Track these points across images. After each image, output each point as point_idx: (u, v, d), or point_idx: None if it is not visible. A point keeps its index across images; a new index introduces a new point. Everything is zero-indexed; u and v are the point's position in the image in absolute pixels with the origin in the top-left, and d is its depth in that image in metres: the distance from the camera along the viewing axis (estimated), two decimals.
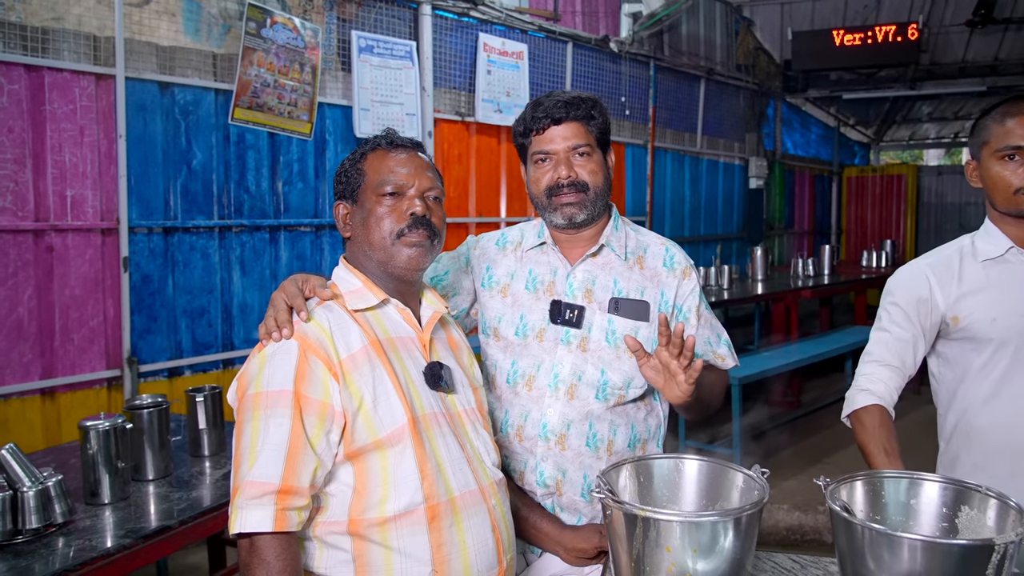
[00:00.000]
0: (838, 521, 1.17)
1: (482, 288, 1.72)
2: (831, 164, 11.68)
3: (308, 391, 1.24)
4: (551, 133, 1.61)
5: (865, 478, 1.28)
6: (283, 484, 1.19)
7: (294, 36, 4.09)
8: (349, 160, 1.44)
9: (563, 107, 1.60)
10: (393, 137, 1.43)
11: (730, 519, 1.14)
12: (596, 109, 1.64)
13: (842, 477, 1.27)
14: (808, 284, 6.90)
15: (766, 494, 1.20)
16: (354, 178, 1.41)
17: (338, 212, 1.45)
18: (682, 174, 7.84)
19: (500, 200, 5.67)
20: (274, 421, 1.22)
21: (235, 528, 1.18)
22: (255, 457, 1.20)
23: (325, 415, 1.24)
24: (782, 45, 9.37)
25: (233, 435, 1.28)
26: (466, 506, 1.33)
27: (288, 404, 1.23)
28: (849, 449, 5.21)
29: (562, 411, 1.60)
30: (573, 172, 1.60)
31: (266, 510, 1.18)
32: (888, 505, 1.28)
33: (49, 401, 3.39)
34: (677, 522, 1.13)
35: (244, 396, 1.27)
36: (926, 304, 1.72)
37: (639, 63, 7.03)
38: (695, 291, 1.69)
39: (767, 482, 1.25)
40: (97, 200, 3.50)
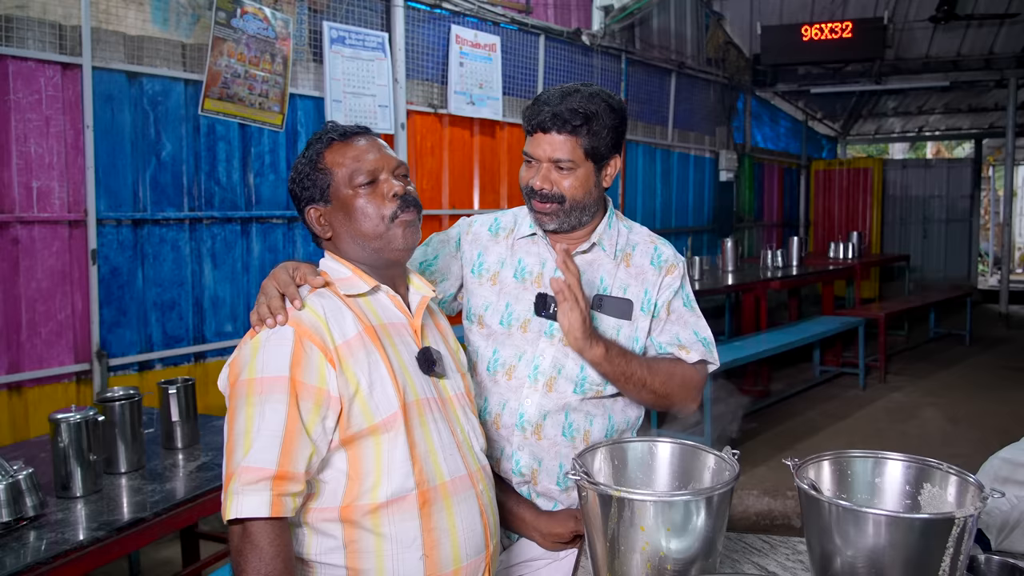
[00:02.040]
0: (806, 499, 1.20)
1: (471, 275, 1.72)
2: (799, 157, 11.85)
3: (304, 377, 1.24)
4: (538, 139, 1.58)
5: (832, 458, 1.32)
6: (279, 470, 1.19)
7: (265, 26, 4.05)
8: (304, 163, 1.41)
9: (552, 119, 1.53)
10: (342, 127, 1.42)
11: (702, 498, 1.17)
12: (594, 121, 1.54)
13: (810, 457, 1.30)
14: (777, 275, 7.01)
15: (736, 474, 1.23)
16: (319, 179, 1.39)
17: (311, 217, 1.42)
18: (653, 167, 7.90)
19: (473, 192, 5.68)
20: (269, 407, 1.21)
21: (230, 514, 1.18)
22: (250, 443, 1.19)
23: (321, 401, 1.24)
24: (751, 39, 9.47)
25: (225, 422, 1.27)
26: (456, 491, 1.35)
27: (284, 390, 1.22)
28: (817, 436, 5.32)
29: (539, 402, 1.60)
30: (548, 184, 1.57)
31: (262, 495, 1.17)
32: (854, 484, 1.32)
33: (16, 396, 3.34)
34: (651, 502, 1.15)
35: (236, 382, 1.26)
36: None
37: (611, 56, 7.06)
38: (673, 286, 1.67)
39: (738, 463, 1.29)
40: (64, 192, 3.44)
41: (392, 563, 1.28)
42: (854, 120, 13.37)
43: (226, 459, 1.23)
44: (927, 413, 5.92)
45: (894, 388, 6.71)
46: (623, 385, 1.60)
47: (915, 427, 5.52)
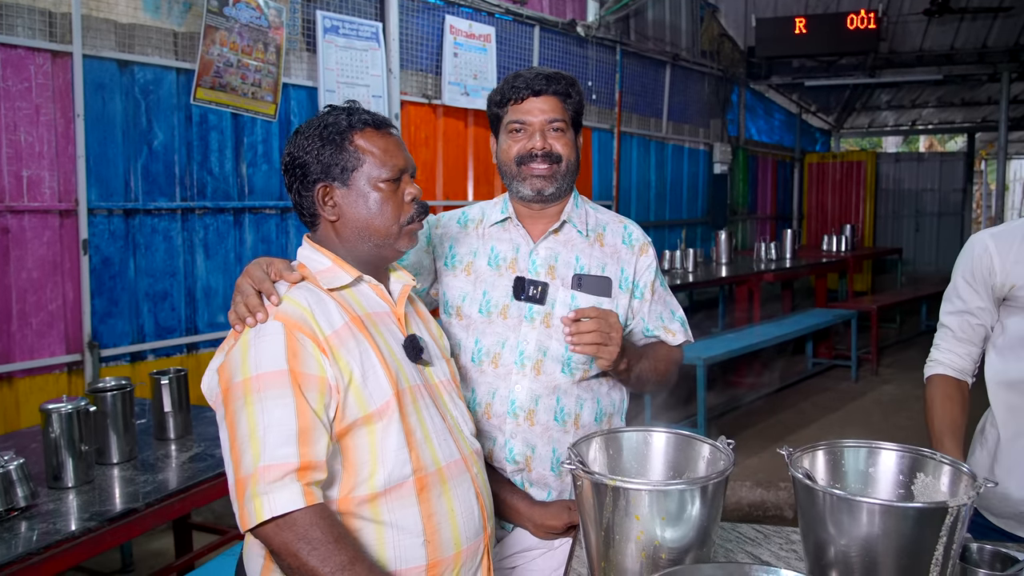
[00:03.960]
0: (800, 488, 1.21)
1: (445, 267, 1.72)
2: (793, 150, 11.86)
3: (303, 368, 1.22)
4: (529, 104, 1.62)
5: (826, 447, 1.32)
6: (302, 461, 1.16)
7: (257, 15, 4.02)
8: (326, 137, 1.35)
9: (544, 80, 1.62)
10: (373, 114, 1.40)
11: (697, 487, 1.16)
12: (574, 88, 1.66)
13: (804, 446, 1.31)
14: (771, 268, 7.03)
15: (731, 463, 1.23)
16: (344, 159, 1.34)
17: (318, 194, 1.36)
18: (648, 159, 7.89)
19: (467, 183, 5.66)
20: (273, 403, 1.18)
21: (264, 515, 1.13)
22: (260, 443, 1.16)
23: (324, 390, 1.22)
24: (746, 32, 9.46)
25: (223, 429, 1.23)
26: (452, 475, 1.34)
27: (285, 383, 1.19)
28: (810, 427, 5.34)
29: (530, 387, 1.61)
30: (548, 143, 1.62)
31: (292, 488, 1.15)
32: (848, 473, 1.32)
33: (6, 386, 3.32)
34: (646, 491, 1.15)
35: (230, 386, 1.22)
36: (985, 269, 1.70)
37: (605, 48, 7.04)
38: (651, 267, 1.72)
39: (732, 452, 1.29)
40: (55, 181, 3.41)
41: (394, 550, 1.27)
42: (848, 113, 13.39)
43: (233, 466, 1.19)
44: (918, 405, 5.92)
45: (886, 380, 6.74)
46: (635, 385, 1.67)
47: (907, 418, 5.55)
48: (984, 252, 1.69)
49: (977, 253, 1.71)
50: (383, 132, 1.38)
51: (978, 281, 1.71)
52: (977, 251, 1.71)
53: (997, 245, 1.68)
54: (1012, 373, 1.68)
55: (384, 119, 1.41)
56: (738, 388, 6.11)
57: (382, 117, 1.41)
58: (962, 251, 1.77)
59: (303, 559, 1.14)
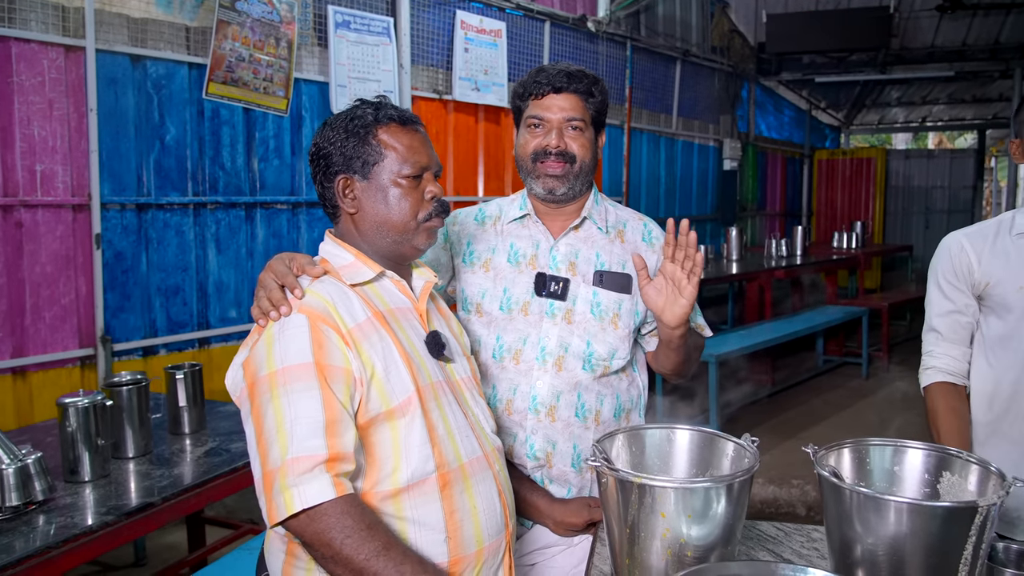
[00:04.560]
0: (826, 486, 1.19)
1: (463, 264, 1.72)
2: (802, 147, 11.81)
3: (328, 360, 1.21)
4: (549, 100, 1.61)
5: (852, 445, 1.31)
6: (331, 453, 1.16)
7: (269, 10, 4.01)
8: (351, 129, 1.35)
9: (565, 77, 1.60)
10: (400, 110, 1.40)
11: (723, 485, 1.16)
12: (597, 87, 1.64)
13: (830, 444, 1.30)
14: (781, 265, 7.00)
15: (757, 461, 1.22)
16: (367, 152, 1.34)
17: (339, 186, 1.36)
18: (657, 155, 7.87)
19: (477, 178, 5.65)
20: (299, 395, 1.18)
21: (295, 507, 1.13)
22: (287, 436, 1.16)
23: (349, 381, 1.22)
24: (756, 27, 9.41)
25: (249, 424, 1.23)
26: (474, 472, 1.34)
27: (312, 375, 1.19)
28: (821, 425, 5.32)
29: (551, 383, 1.62)
30: (563, 142, 1.61)
31: (322, 480, 1.14)
32: (873, 471, 1.31)
33: (20, 380, 3.33)
34: (672, 488, 1.14)
35: (256, 380, 1.22)
36: (964, 267, 1.73)
37: (616, 43, 7.02)
38: None
39: (757, 450, 1.28)
40: (68, 175, 3.41)
41: (416, 546, 1.27)
42: (858, 110, 13.32)
43: (259, 460, 1.18)
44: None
45: (897, 377, 6.71)
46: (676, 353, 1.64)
47: (919, 416, 5.50)
48: (961, 251, 1.73)
49: (955, 252, 1.74)
50: (408, 128, 1.38)
51: (960, 279, 1.74)
52: (954, 250, 1.75)
53: (971, 243, 1.73)
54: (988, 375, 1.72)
55: (411, 116, 1.41)
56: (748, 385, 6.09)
57: (409, 114, 1.41)
58: (937, 254, 1.80)
59: (336, 548, 1.14)
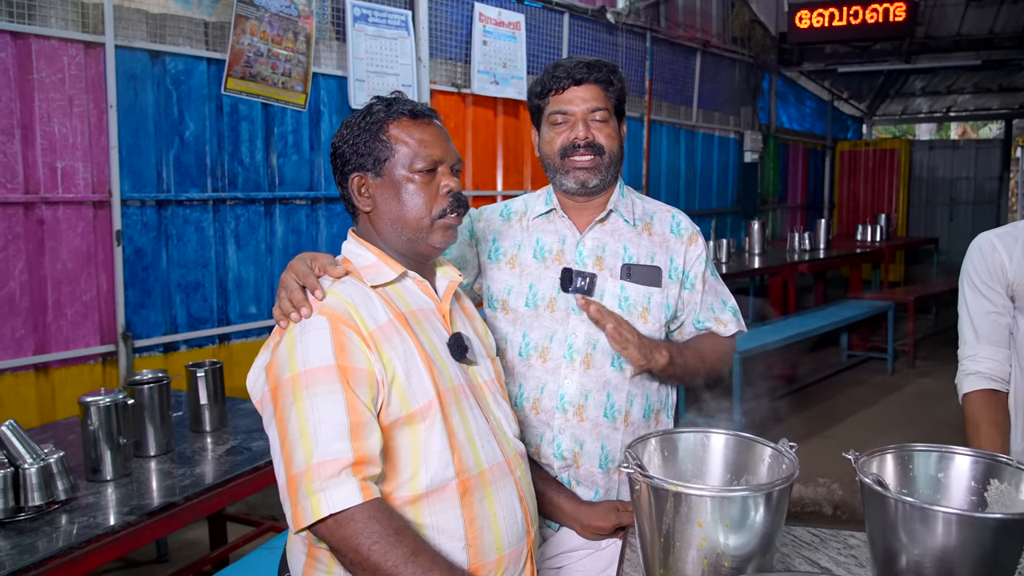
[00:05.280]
0: (869, 494, 1.15)
1: (489, 261, 1.69)
2: (825, 138, 11.65)
3: (351, 362, 1.19)
4: (570, 94, 1.59)
5: (895, 451, 1.26)
6: (356, 456, 1.14)
7: (287, 4, 3.99)
8: (363, 126, 1.33)
9: (585, 68, 1.58)
10: (413, 103, 1.36)
11: (762, 494, 1.11)
12: (615, 76, 1.62)
13: (872, 450, 1.25)
14: (804, 258, 6.90)
15: (796, 468, 1.18)
16: (378, 149, 1.32)
17: (353, 184, 1.35)
18: (678, 148, 7.78)
19: (496, 173, 5.60)
20: (323, 398, 1.16)
21: (322, 512, 1.11)
22: (312, 439, 1.14)
23: (372, 383, 1.20)
24: (777, 17, 9.28)
25: (272, 427, 1.20)
26: (495, 479, 1.31)
27: (334, 378, 1.17)
28: (847, 421, 5.24)
29: (579, 381, 1.59)
30: (590, 134, 1.58)
31: (349, 484, 1.12)
32: (917, 478, 1.26)
33: (43, 377, 3.34)
34: (709, 497, 1.10)
35: (278, 384, 1.20)
36: (998, 267, 1.70)
37: (635, 35, 6.94)
38: (701, 257, 1.69)
39: (796, 456, 1.23)
40: (88, 172, 3.41)
41: None
42: (881, 100, 13.12)
43: (283, 464, 1.16)
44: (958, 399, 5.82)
45: (923, 373, 6.60)
46: (682, 380, 1.62)
47: (947, 413, 5.41)
48: (992, 250, 1.71)
49: (987, 251, 1.72)
50: (421, 122, 1.34)
51: (994, 279, 1.71)
52: (986, 250, 1.72)
53: (1003, 243, 1.71)
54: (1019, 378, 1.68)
55: (425, 109, 1.37)
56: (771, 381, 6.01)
57: (423, 107, 1.37)
58: (968, 255, 1.77)
59: (364, 554, 1.12)
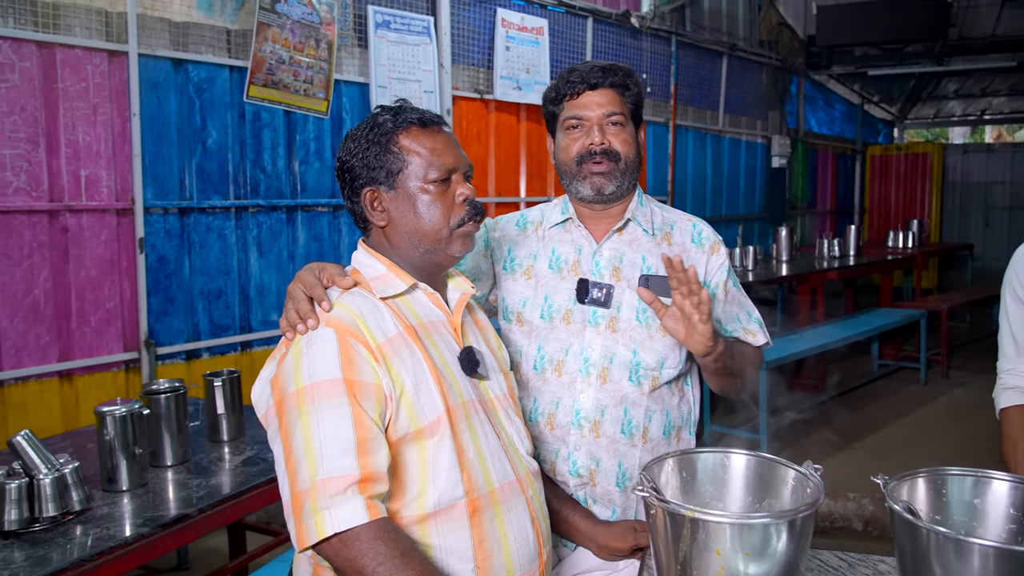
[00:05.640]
0: (900, 522, 1.09)
1: (504, 272, 1.65)
2: (855, 142, 11.45)
3: (358, 375, 1.15)
4: (585, 99, 1.55)
5: (927, 475, 1.20)
6: (363, 473, 1.10)
7: (309, 11, 3.99)
8: (372, 139, 1.29)
9: (600, 72, 1.55)
10: (421, 112, 1.33)
11: (784, 521, 1.06)
12: (631, 80, 1.58)
13: (902, 474, 1.18)
14: (834, 265, 6.76)
15: (821, 493, 1.12)
16: (389, 161, 1.28)
17: (366, 199, 1.31)
18: (704, 153, 7.69)
19: (520, 179, 5.57)
20: (329, 412, 1.12)
21: (326, 531, 1.07)
22: (317, 455, 1.10)
23: (380, 398, 1.16)
24: (806, 20, 9.14)
25: (276, 443, 1.17)
26: (506, 498, 1.27)
27: (341, 392, 1.13)
28: (878, 433, 5.10)
29: (596, 396, 1.54)
30: (606, 140, 1.54)
31: (355, 502, 1.08)
32: (951, 504, 1.19)
33: (67, 384, 3.36)
34: (728, 524, 1.05)
35: (283, 397, 1.16)
36: None
37: (660, 39, 6.87)
38: (723, 267, 1.64)
39: (821, 480, 1.17)
40: (112, 180, 3.43)
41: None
42: (912, 103, 12.87)
43: (288, 481, 1.12)
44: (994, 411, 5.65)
45: (957, 384, 6.42)
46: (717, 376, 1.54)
47: (981, 426, 5.25)
48: None
49: None
50: (431, 130, 1.31)
51: None
52: None
53: None
54: None
55: (433, 117, 1.33)
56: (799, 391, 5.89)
57: (431, 115, 1.33)
58: (1012, 264, 1.71)
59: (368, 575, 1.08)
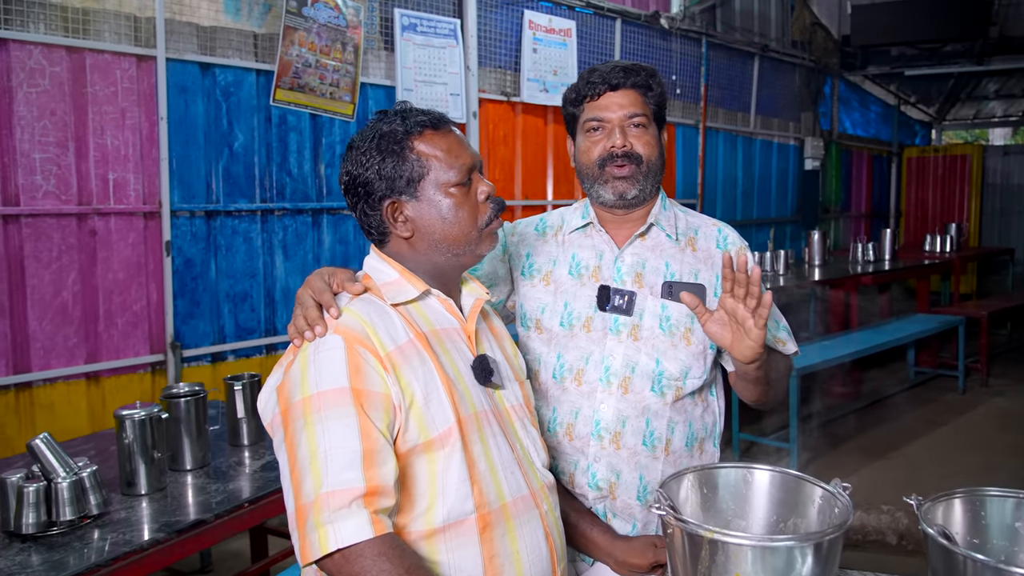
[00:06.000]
0: (934, 548, 1.02)
1: (522, 277, 1.61)
2: (891, 144, 11.20)
3: (366, 385, 1.12)
4: (606, 100, 1.50)
5: (964, 496, 1.13)
6: (368, 486, 1.06)
7: (336, 15, 3.99)
8: (384, 148, 1.23)
9: (621, 72, 1.50)
10: (430, 113, 1.28)
11: (810, 544, 1.00)
12: (654, 80, 1.53)
13: (937, 495, 1.12)
14: (868, 270, 6.60)
15: (850, 513, 1.06)
16: (409, 169, 1.22)
17: (388, 212, 1.24)
18: (734, 155, 7.58)
19: (547, 182, 5.52)
20: (335, 422, 1.08)
21: (329, 546, 1.03)
22: (322, 467, 1.06)
23: (388, 408, 1.12)
24: (840, 20, 8.96)
25: (282, 453, 1.13)
26: (518, 513, 1.22)
27: (348, 402, 1.10)
28: (915, 443, 4.95)
29: (616, 406, 1.48)
30: (628, 142, 1.49)
31: (359, 516, 1.04)
32: (990, 527, 1.13)
33: (94, 385, 3.39)
34: (749, 546, 0.99)
35: (289, 406, 1.13)
36: None
37: (690, 40, 6.78)
38: None
39: (850, 499, 1.11)
40: (139, 183, 3.46)
41: None
42: (951, 104, 12.57)
43: (292, 493, 1.09)
44: None
45: (997, 392, 6.23)
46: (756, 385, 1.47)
47: (1022, 437, 5.09)
48: None
49: None
50: (443, 131, 1.27)
51: None
52: None
53: None
54: None
55: (441, 117, 1.29)
56: (832, 398, 5.75)
57: (438, 114, 1.29)
58: None
59: None
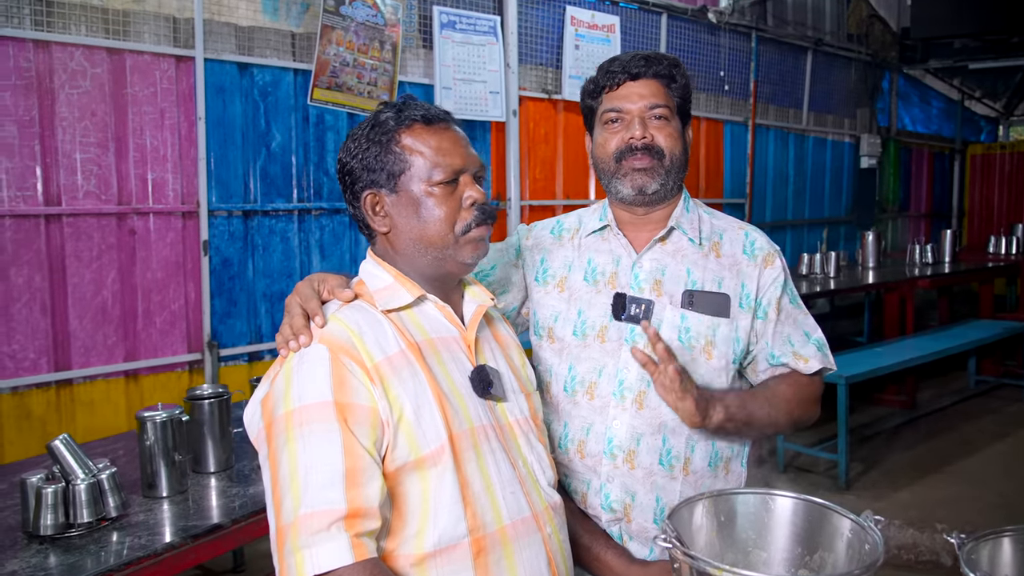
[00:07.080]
0: None
1: (536, 283, 1.53)
2: (953, 141, 10.74)
3: (350, 398, 1.06)
4: (626, 90, 1.42)
5: (1013, 534, 1.01)
6: (350, 507, 1.00)
7: (374, 13, 3.97)
8: (372, 138, 1.20)
9: (642, 62, 1.42)
10: (425, 107, 1.22)
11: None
12: (678, 70, 1.44)
13: (981, 533, 1.00)
14: (926, 273, 6.32)
15: (880, 553, 0.96)
16: (390, 162, 1.19)
17: (366, 203, 1.21)
18: (786, 153, 7.34)
19: (588, 181, 5.42)
20: (317, 438, 1.03)
21: (304, 573, 0.98)
22: (302, 486, 1.01)
23: (375, 423, 1.06)
24: (899, 11, 8.62)
25: (265, 470, 1.08)
26: (518, 536, 1.14)
27: (331, 417, 1.04)
28: (974, 457, 4.70)
29: (630, 423, 1.39)
30: (648, 134, 1.40)
31: (338, 540, 0.99)
32: None
33: (133, 383, 3.43)
34: None
35: (272, 420, 1.07)
36: None
37: (740, 34, 6.59)
38: (778, 281, 1.45)
39: (880, 533, 1.01)
40: (178, 183, 3.50)
41: None
42: (1019, 99, 11.99)
43: (274, 513, 1.04)
44: None
45: None
46: (748, 433, 1.40)
47: None
48: None
49: None
50: (436, 128, 1.20)
51: None
52: None
53: None
54: None
55: (439, 113, 1.22)
56: (885, 408, 5.50)
57: (437, 110, 1.23)
58: None
59: None
